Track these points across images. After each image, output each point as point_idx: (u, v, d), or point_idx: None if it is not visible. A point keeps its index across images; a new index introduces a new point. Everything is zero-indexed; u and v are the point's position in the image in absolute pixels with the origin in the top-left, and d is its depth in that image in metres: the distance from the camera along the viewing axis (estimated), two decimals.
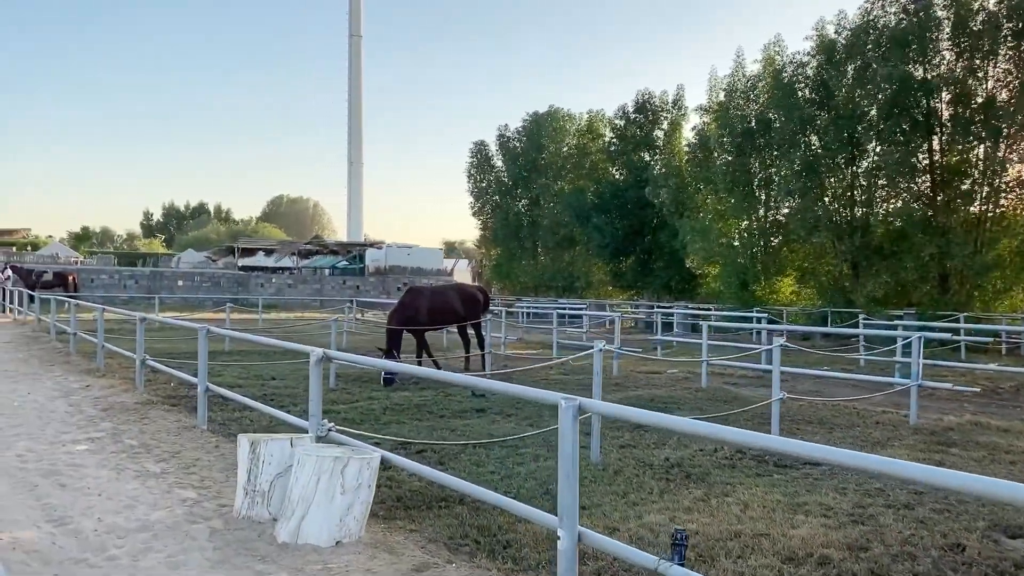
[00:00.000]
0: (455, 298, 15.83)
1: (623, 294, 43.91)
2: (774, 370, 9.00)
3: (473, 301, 16.04)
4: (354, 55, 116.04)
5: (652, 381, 14.97)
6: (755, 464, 7.93)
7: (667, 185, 35.52)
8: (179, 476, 6.94)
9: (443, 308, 15.47)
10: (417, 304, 15.16)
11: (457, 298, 15.83)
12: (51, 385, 12.39)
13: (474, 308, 15.86)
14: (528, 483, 6.91)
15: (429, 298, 15.57)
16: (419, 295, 15.64)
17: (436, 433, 9.25)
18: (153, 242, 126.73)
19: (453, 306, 15.59)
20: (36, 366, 14.95)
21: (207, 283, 52.60)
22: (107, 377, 13.34)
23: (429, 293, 16.11)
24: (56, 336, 20.49)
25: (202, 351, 8.90)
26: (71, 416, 9.68)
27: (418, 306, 15.09)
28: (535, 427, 9.87)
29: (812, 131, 28.72)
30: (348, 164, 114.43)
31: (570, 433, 3.74)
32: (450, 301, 15.68)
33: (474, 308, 15.86)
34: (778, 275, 32.14)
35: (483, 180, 51.54)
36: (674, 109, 41.10)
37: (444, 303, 15.58)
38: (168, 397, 11.32)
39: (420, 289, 16.55)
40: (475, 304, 16.01)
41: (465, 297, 16.07)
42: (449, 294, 16.18)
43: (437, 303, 15.48)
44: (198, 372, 9.03)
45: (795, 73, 29.78)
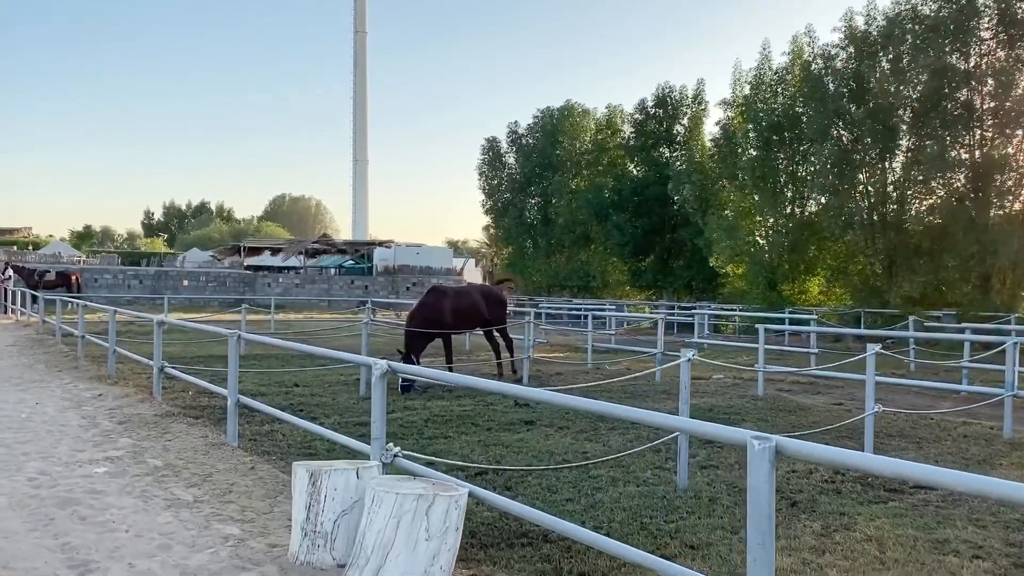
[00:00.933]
0: (480, 300, 15.00)
1: (640, 294, 43.04)
2: (868, 380, 8.12)
3: (499, 303, 15.37)
4: (359, 51, 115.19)
5: (701, 388, 14.09)
6: (860, 488, 7.08)
7: (690, 181, 34.61)
8: (216, 505, 6.10)
9: (469, 310, 14.70)
10: (441, 305, 14.25)
11: (482, 300, 15.02)
12: (60, 394, 11.57)
13: (500, 310, 15.19)
14: (617, 515, 6.06)
15: (454, 299, 14.71)
16: (443, 295, 14.75)
17: (490, 450, 8.41)
18: (155, 241, 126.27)
19: (479, 308, 14.80)
20: (43, 372, 14.14)
21: (213, 283, 51.82)
22: (120, 385, 12.52)
23: (453, 294, 15.24)
24: (62, 339, 19.70)
25: (232, 360, 8.07)
26: (85, 430, 8.85)
27: (442, 307, 14.19)
28: (595, 442, 9.05)
29: (844, 125, 27.80)
30: (353, 162, 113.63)
31: (766, 485, 2.88)
32: (476, 303, 14.86)
33: (500, 310, 15.19)
34: (806, 275, 31.22)
35: (495, 177, 50.66)
36: (694, 104, 40.20)
37: (470, 305, 14.78)
38: (189, 408, 10.49)
39: (444, 289, 15.65)
40: (501, 306, 15.38)
41: (491, 299, 15.29)
42: (474, 295, 15.31)
43: (463, 304, 14.66)
44: (228, 382, 8.18)
45: (825, 65, 28.87)
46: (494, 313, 14.94)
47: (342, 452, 8.08)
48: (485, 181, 50.92)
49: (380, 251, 60.71)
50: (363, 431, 9.37)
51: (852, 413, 11.92)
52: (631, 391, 13.54)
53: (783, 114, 29.97)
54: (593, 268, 44.40)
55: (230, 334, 8.06)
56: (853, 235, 27.62)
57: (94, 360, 15.99)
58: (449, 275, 63.37)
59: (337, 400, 11.71)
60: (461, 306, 14.57)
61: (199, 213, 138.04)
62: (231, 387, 8.08)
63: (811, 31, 30.02)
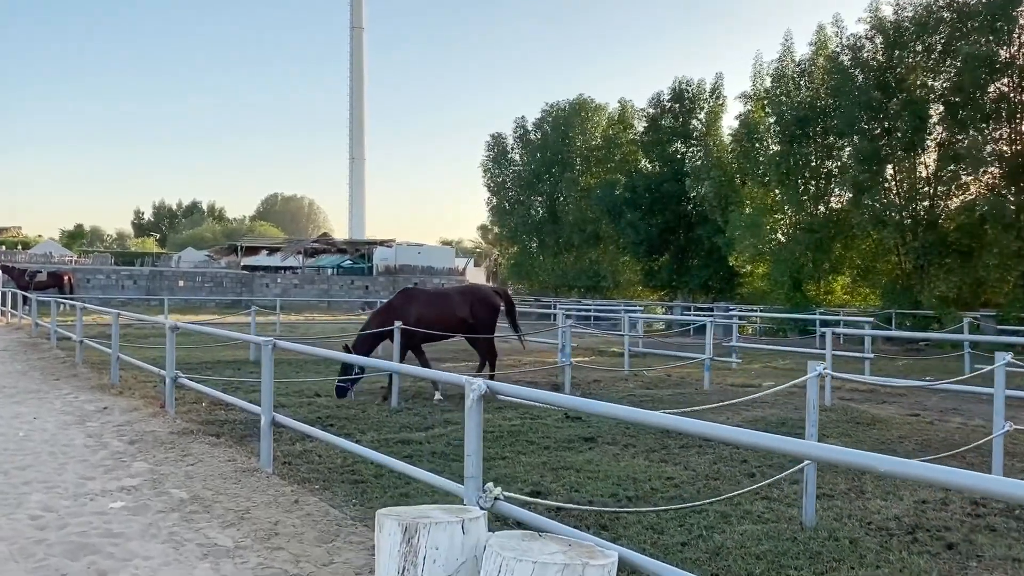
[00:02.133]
0: (460, 303, 12.85)
1: (653, 294, 42.06)
2: (997, 395, 7.12)
3: (486, 306, 13.00)
4: (356, 48, 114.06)
5: (758, 399, 13.06)
6: (1015, 523, 6.07)
7: (709, 177, 33.60)
8: (262, 553, 5.06)
9: (441, 316, 12.59)
10: (407, 310, 12.38)
11: (463, 303, 12.85)
12: (60, 406, 10.51)
13: (486, 314, 12.87)
14: (755, 565, 5.04)
15: (424, 304, 12.70)
16: (411, 300, 12.80)
17: (561, 476, 7.38)
18: (146, 241, 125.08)
19: (456, 313, 12.70)
20: (38, 380, 13.06)
21: (209, 283, 50.67)
22: (126, 395, 11.46)
23: (425, 297, 13.07)
24: (57, 343, 18.61)
25: (267, 372, 7.03)
26: (93, 452, 7.80)
27: (407, 313, 12.29)
28: (672, 463, 8.03)
29: (874, 117, 26.83)
30: (350, 160, 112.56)
31: None
32: (452, 307, 12.79)
33: (486, 314, 12.87)
34: (832, 274, 30.25)
35: (500, 174, 49.61)
36: (711, 98, 39.20)
37: (443, 310, 12.70)
38: (206, 423, 9.43)
39: (414, 292, 13.41)
40: (488, 310, 12.95)
41: (476, 301, 12.97)
42: (452, 298, 13.06)
43: (433, 311, 12.57)
44: (262, 398, 7.13)
45: (854, 56, 27.90)
46: (479, 317, 12.79)
47: (391, 477, 7.07)
48: (490, 178, 49.87)
49: (381, 251, 59.66)
50: (407, 451, 8.36)
51: (935, 426, 10.97)
52: (683, 400, 12.53)
53: (809, 107, 28.98)
54: (603, 267, 43.39)
55: (264, 341, 7.01)
56: (884, 232, 26.64)
57: (93, 367, 14.92)
58: (451, 275, 62.34)
59: (367, 413, 10.67)
60: (430, 313, 12.52)
61: (190, 213, 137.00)
62: (265, 404, 7.03)
63: (839, 21, 29.09)
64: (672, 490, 6.86)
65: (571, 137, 45.20)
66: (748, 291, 35.82)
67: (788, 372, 17.28)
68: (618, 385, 14.39)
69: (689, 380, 15.07)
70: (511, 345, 22.27)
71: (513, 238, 49.71)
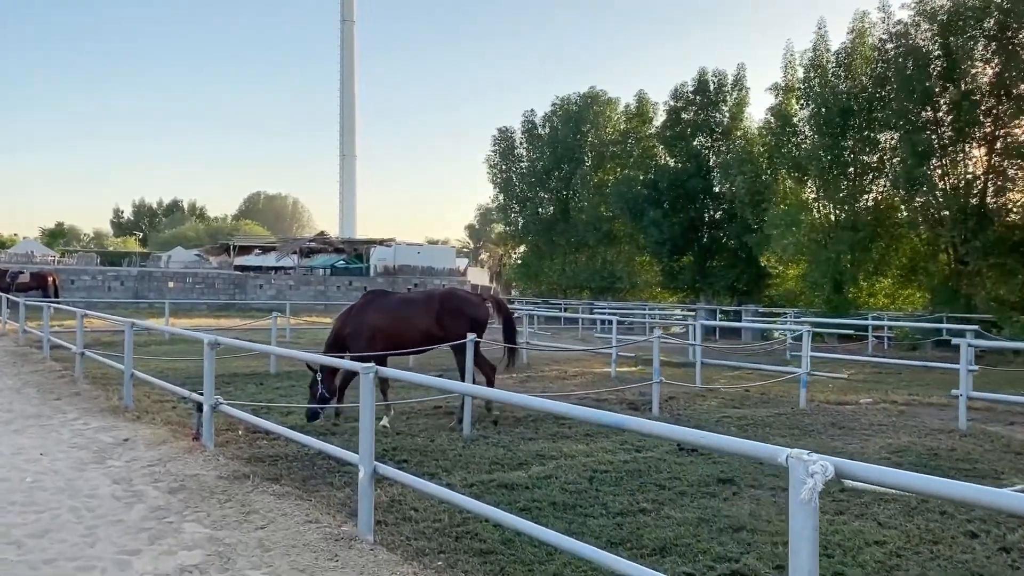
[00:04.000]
0: (423, 312, 10.70)
1: (672, 296, 40.57)
2: None
3: (458, 317, 10.61)
4: (346, 42, 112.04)
5: (863, 419, 11.55)
6: None
7: (741, 172, 32.09)
8: None
9: (396, 327, 10.61)
10: (360, 319, 10.67)
11: (427, 313, 10.67)
12: (69, 437, 8.83)
13: (459, 328, 10.38)
14: None
15: (382, 311, 10.80)
16: (369, 306, 10.94)
17: (742, 540, 5.79)
18: (127, 240, 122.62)
19: (415, 323, 10.64)
20: (36, 401, 11.36)
21: (201, 284, 48.81)
22: (145, 422, 9.79)
23: (386, 304, 11.08)
24: (50, 353, 16.85)
25: (367, 410, 5.40)
26: (127, 507, 6.16)
27: (360, 323, 10.60)
28: (868, 519, 6.46)
29: (927, 108, 25.43)
30: (340, 157, 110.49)
31: None
32: (412, 316, 10.71)
33: (459, 328, 10.38)
34: (875, 275, 28.81)
35: (508, 170, 47.98)
36: (734, 90, 37.75)
37: (401, 319, 10.71)
38: (254, 461, 7.81)
39: (375, 297, 11.41)
40: (461, 322, 10.52)
41: (446, 311, 10.67)
42: (416, 307, 10.90)
43: (388, 320, 10.67)
44: (360, 444, 5.49)
45: (900, 44, 26.48)
46: (449, 329, 10.54)
47: (524, 544, 5.49)
48: (498, 173, 48.21)
49: (380, 250, 57.92)
50: (517, 500, 6.75)
51: None
52: (791, 423, 10.98)
53: (852, 98, 27.53)
54: (619, 268, 41.85)
55: (363, 368, 5.37)
56: (940, 230, 25.16)
57: (96, 382, 13.23)
58: (452, 275, 60.68)
59: (437, 444, 9.05)
60: (383, 323, 10.64)
61: (171, 211, 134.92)
62: (365, 450, 5.39)
63: (885, 6, 27.58)
64: (914, 558, 5.30)
65: (584, 131, 43.64)
66: (777, 293, 34.40)
67: (865, 385, 15.79)
68: (698, 404, 12.83)
69: (777, 396, 13.52)
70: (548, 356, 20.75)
71: (520, 236, 48.04)
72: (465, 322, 10.56)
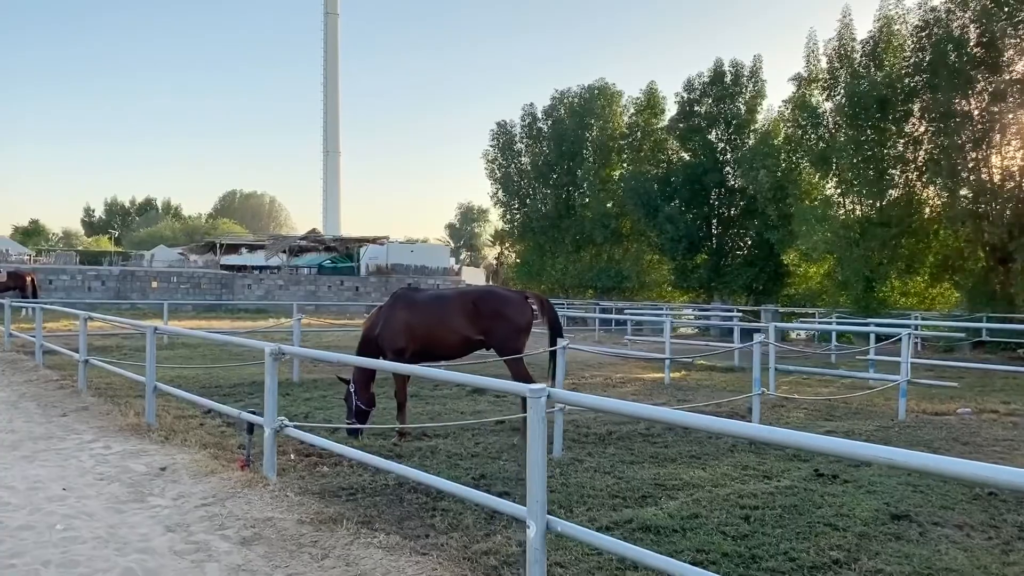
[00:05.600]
0: (458, 313, 9.30)
1: (684, 296, 39.45)
2: None
3: (500, 320, 9.24)
4: (330, 35, 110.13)
5: (983, 432, 10.40)
6: None
7: (764, 166, 30.98)
8: None
9: (429, 324, 9.32)
10: (392, 316, 9.41)
11: (461, 313, 9.28)
12: (92, 464, 7.48)
13: (503, 332, 9.19)
14: None
15: (411, 307, 9.46)
16: (396, 303, 9.61)
17: None
18: (101, 240, 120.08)
19: (448, 323, 9.30)
20: (40, 418, 9.94)
21: (186, 284, 47.14)
22: (175, 443, 8.44)
23: (416, 300, 9.63)
24: (44, 360, 15.36)
25: (537, 447, 4.12)
26: (194, 567, 4.86)
27: (392, 319, 9.38)
28: None
29: (971, 98, 24.45)
30: (324, 154, 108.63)
31: None
32: (445, 315, 9.34)
33: (503, 332, 9.19)
34: (907, 273, 27.80)
35: (508, 166, 46.66)
36: (750, 82, 36.68)
37: (432, 317, 9.37)
38: (328, 494, 6.52)
39: (405, 294, 9.87)
40: (504, 325, 9.21)
41: (485, 313, 9.26)
42: (451, 305, 9.45)
43: (418, 316, 9.35)
44: (529, 494, 4.20)
45: (939, 31, 25.48)
46: (491, 333, 9.24)
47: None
48: (497, 168, 46.87)
49: (372, 249, 56.47)
50: (662, 544, 5.52)
51: None
52: (905, 439, 9.80)
53: (888, 87, 26.49)
54: (626, 267, 40.66)
55: (531, 390, 4.09)
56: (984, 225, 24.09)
57: (101, 394, 11.85)
58: (447, 275, 59.36)
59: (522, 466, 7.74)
60: (418, 321, 9.34)
61: (144, 210, 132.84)
62: (536, 501, 4.11)
63: None
64: None
65: (589, 125, 42.43)
66: (797, 292, 33.39)
67: (932, 391, 14.67)
68: (782, 415, 11.61)
69: (865, 407, 12.34)
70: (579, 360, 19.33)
71: (523, 235, 46.74)
72: (506, 325, 9.27)
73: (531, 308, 9.57)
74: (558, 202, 44.20)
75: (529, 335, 9.69)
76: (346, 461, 7.63)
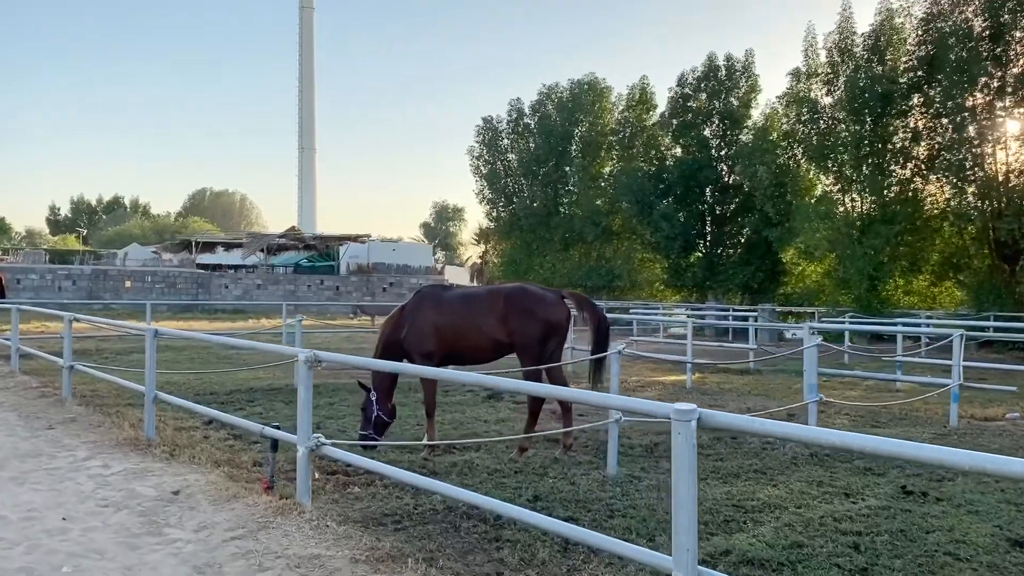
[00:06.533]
0: (487, 311, 8.46)
1: (676, 295, 38.88)
2: None
3: (529, 320, 8.30)
4: (305, 29, 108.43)
5: None
6: None
7: (763, 162, 30.46)
8: None
9: (458, 325, 8.53)
10: (418, 316, 8.65)
11: (490, 313, 8.43)
12: (92, 487, 6.62)
13: (530, 333, 8.30)
14: None
15: (438, 306, 8.68)
16: (422, 303, 8.83)
17: None
18: (68, 239, 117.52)
19: (478, 324, 8.46)
20: (23, 431, 9.01)
21: (161, 283, 45.79)
22: (182, 460, 7.59)
23: (442, 299, 8.83)
24: (20, 365, 14.34)
25: (685, 479, 3.35)
26: None
27: (418, 319, 8.61)
28: None
29: (983, 90, 24.04)
30: (299, 150, 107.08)
31: None
32: (474, 316, 8.52)
33: (530, 333, 8.30)
34: (910, 272, 27.41)
35: (494, 162, 45.84)
36: (743, 76, 36.19)
37: (460, 317, 8.58)
38: (372, 522, 5.71)
39: (430, 292, 9.08)
40: (534, 326, 8.30)
41: (514, 311, 8.35)
42: (479, 303, 8.63)
43: (445, 316, 8.59)
44: (674, 540, 3.43)
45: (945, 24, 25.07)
46: (517, 333, 8.33)
47: None
48: (483, 164, 46.04)
49: (353, 247, 55.37)
50: None
51: None
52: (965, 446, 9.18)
53: (891, 81, 26.06)
54: (617, 265, 40.01)
55: (677, 412, 3.33)
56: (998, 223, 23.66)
57: (88, 403, 10.93)
58: (429, 274, 58.40)
59: (582, 486, 7.01)
60: (441, 319, 8.58)
61: (112, 208, 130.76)
62: (684, 548, 3.34)
63: None
64: None
65: (578, 120, 41.76)
66: (794, 291, 32.95)
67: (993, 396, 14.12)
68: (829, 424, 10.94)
69: (909, 412, 11.72)
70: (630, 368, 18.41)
71: (510, 232, 45.94)
72: (539, 325, 8.35)
73: (568, 310, 8.78)
74: (546, 199, 43.48)
75: (564, 341, 8.92)
76: (379, 480, 6.84)
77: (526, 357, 8.44)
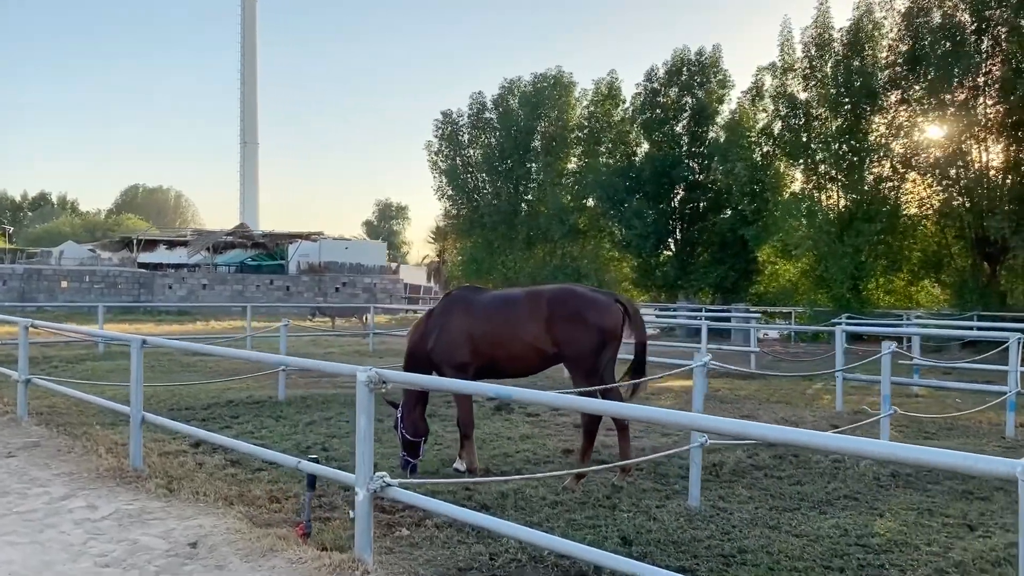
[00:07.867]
0: (528, 315, 7.44)
1: (646, 295, 38.24)
2: None
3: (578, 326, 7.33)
4: (248, 16, 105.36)
5: None
6: None
7: (740, 158, 29.99)
8: None
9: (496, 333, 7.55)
10: (448, 324, 7.72)
11: (533, 319, 7.41)
12: (81, 537, 5.43)
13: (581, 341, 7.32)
14: None
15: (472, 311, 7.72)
16: (453, 307, 7.91)
17: None
18: None
19: (519, 331, 7.47)
20: None
21: (100, 284, 43.45)
22: (184, 496, 6.42)
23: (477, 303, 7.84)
24: None
25: None
26: None
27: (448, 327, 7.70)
28: None
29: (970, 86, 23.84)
30: (241, 144, 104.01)
31: None
32: (514, 322, 7.51)
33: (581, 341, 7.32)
34: (890, 271, 27.20)
35: (453, 157, 44.63)
36: (711, 72, 35.75)
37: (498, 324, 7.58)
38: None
39: (463, 295, 8.15)
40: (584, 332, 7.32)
41: (563, 316, 7.35)
42: (519, 307, 7.56)
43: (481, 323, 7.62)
44: None
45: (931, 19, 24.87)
46: (564, 341, 7.36)
47: None
48: (441, 160, 44.79)
49: (305, 246, 53.49)
50: None
51: None
52: None
53: (871, 76, 25.78)
54: (584, 264, 39.22)
55: None
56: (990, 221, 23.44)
57: (47, 422, 9.60)
58: (383, 273, 56.88)
59: (666, 523, 6.06)
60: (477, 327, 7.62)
61: (38, 205, 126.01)
62: None
63: None
64: None
65: (542, 115, 40.88)
66: (768, 290, 32.63)
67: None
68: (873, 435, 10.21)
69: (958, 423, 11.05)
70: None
71: (469, 230, 44.79)
72: (593, 333, 7.35)
73: (622, 314, 7.81)
74: (510, 196, 42.47)
75: (618, 350, 7.96)
76: (432, 521, 5.79)
77: (579, 371, 7.45)
